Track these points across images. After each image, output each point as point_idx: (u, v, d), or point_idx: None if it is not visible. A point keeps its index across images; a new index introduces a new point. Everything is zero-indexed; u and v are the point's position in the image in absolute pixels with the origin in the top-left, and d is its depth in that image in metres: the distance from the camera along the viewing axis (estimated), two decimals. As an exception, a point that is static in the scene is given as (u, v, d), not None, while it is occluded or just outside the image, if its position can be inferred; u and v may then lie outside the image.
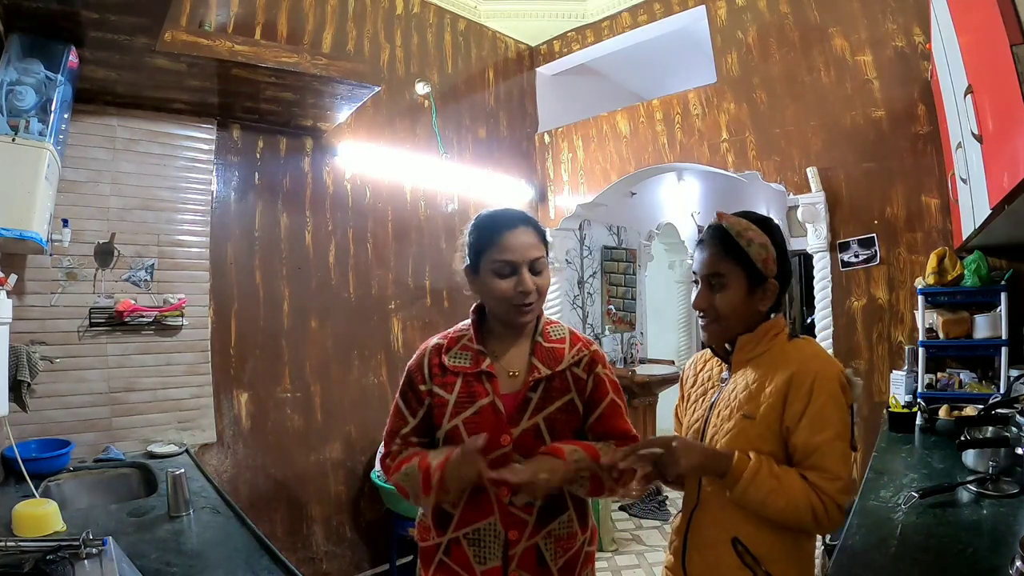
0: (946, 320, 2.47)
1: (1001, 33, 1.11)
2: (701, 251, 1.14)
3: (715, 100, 3.30)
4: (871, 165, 2.79)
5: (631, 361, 4.74)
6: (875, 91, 2.77)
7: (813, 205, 2.90)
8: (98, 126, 2.31)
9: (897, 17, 2.69)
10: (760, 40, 3.13)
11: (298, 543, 2.83)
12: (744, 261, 1.08)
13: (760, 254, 1.07)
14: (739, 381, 1.10)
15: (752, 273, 1.08)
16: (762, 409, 1.03)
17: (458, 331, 1.21)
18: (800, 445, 1.00)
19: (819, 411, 0.99)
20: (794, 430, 1.00)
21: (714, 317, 1.11)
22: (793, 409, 1.00)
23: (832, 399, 1.00)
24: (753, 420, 1.03)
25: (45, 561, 1.08)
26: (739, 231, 1.08)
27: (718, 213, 1.14)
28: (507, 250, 1.10)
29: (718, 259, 1.10)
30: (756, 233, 1.09)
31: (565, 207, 4.05)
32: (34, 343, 2.06)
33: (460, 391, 1.13)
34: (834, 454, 0.98)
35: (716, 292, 1.10)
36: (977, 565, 1.10)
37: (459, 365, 1.15)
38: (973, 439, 1.65)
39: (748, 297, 1.09)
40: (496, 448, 1.09)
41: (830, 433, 0.98)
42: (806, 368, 1.02)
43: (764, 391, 1.04)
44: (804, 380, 1.01)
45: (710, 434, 1.11)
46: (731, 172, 3.30)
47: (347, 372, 3.05)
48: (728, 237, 1.09)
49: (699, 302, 1.12)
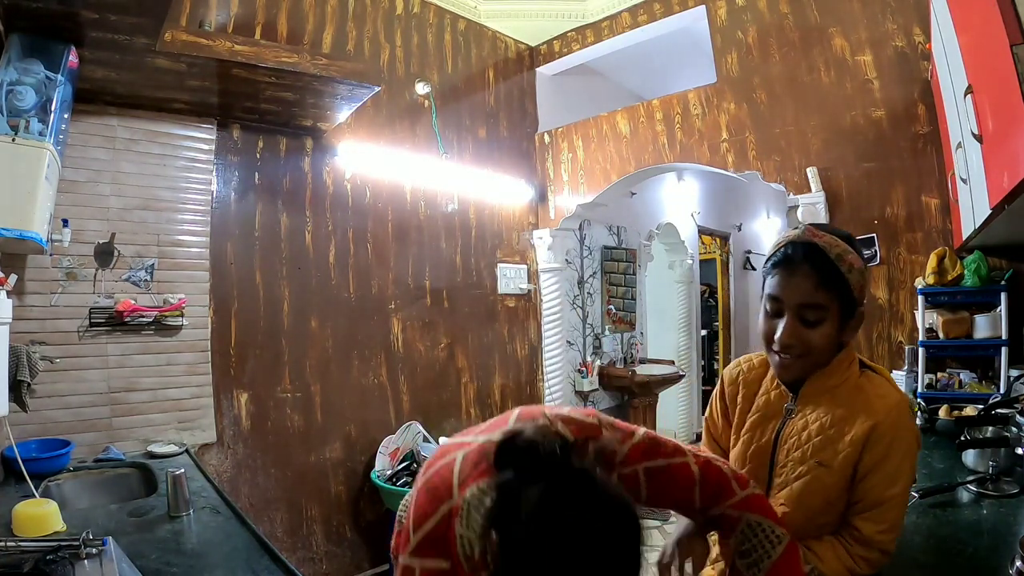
0: (946, 320, 2.47)
1: (1001, 33, 1.11)
2: (790, 275, 0.95)
3: (715, 100, 3.30)
4: (871, 165, 2.79)
5: (631, 361, 4.74)
6: (875, 91, 2.77)
7: (813, 205, 2.90)
8: (98, 126, 2.31)
9: (897, 17, 2.69)
10: (760, 40, 3.13)
11: (298, 543, 2.83)
12: (843, 290, 0.93)
13: (858, 281, 0.94)
14: (810, 417, 1.01)
15: (847, 303, 0.94)
16: (839, 458, 0.95)
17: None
18: (867, 496, 0.95)
19: (895, 468, 0.93)
20: (864, 479, 0.95)
21: (804, 353, 0.96)
22: (868, 460, 0.94)
23: (909, 455, 0.95)
24: (829, 469, 0.96)
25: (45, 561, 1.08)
26: (839, 253, 0.93)
27: (808, 228, 0.97)
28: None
29: (815, 289, 0.93)
30: (855, 257, 0.94)
31: (565, 207, 4.05)
32: (34, 343, 2.06)
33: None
34: (897, 508, 0.95)
35: (810, 326, 0.95)
36: (977, 565, 1.10)
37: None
38: (973, 439, 1.65)
39: (840, 330, 0.96)
40: None
41: (899, 488, 0.94)
42: (888, 421, 0.94)
43: (843, 439, 0.95)
44: (885, 434, 0.93)
45: (778, 473, 1.03)
46: (731, 172, 3.30)
47: (347, 372, 3.05)
48: (827, 261, 0.93)
49: (788, 337, 0.95)
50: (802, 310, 0.95)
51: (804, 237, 0.96)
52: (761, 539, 0.88)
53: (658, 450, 0.86)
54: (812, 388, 1.02)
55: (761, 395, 1.10)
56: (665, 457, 0.86)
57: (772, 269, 0.99)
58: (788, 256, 0.97)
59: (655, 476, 0.85)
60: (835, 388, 1.00)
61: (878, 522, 0.95)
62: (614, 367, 4.48)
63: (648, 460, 0.85)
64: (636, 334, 4.96)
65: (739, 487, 0.90)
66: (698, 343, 5.83)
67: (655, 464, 0.85)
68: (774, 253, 1.00)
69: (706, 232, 6.05)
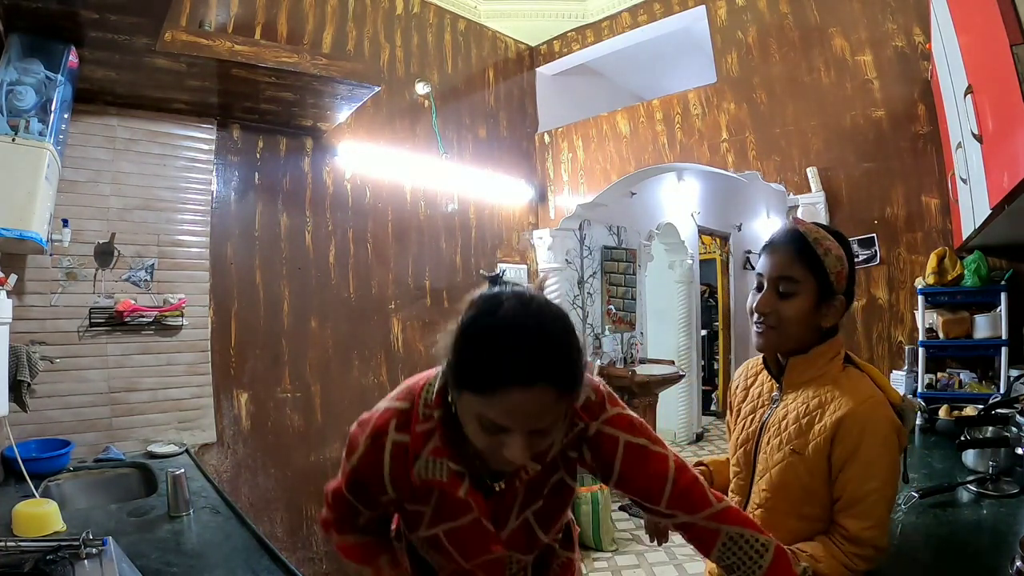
0: (946, 320, 2.47)
1: (1001, 33, 1.11)
2: (771, 253, 1.07)
3: (715, 100, 3.30)
4: (871, 165, 2.79)
5: (631, 361, 4.74)
6: (875, 91, 2.77)
7: (813, 205, 2.90)
8: (98, 126, 2.31)
9: (897, 17, 2.69)
10: (760, 40, 3.13)
11: (298, 543, 2.83)
12: (818, 270, 1.02)
13: (835, 266, 1.02)
14: (790, 406, 1.06)
15: (823, 285, 1.02)
16: (811, 447, 0.99)
17: (424, 417, 0.85)
18: (846, 490, 0.97)
19: (868, 460, 0.95)
20: (841, 473, 0.97)
21: (775, 323, 1.05)
22: (840, 452, 0.97)
23: (883, 446, 0.96)
24: (802, 456, 1.00)
25: (45, 561, 1.08)
26: (817, 238, 1.04)
27: (795, 219, 1.09)
28: (504, 413, 0.70)
29: (791, 263, 1.04)
30: (833, 244, 1.04)
31: (565, 207, 4.05)
32: (34, 343, 2.06)
33: (437, 502, 0.87)
34: (880, 503, 0.96)
35: (783, 298, 1.04)
36: (977, 565, 1.10)
37: (433, 479, 0.84)
38: (973, 439, 1.65)
39: (814, 310, 1.03)
40: (486, 555, 0.90)
41: (877, 483, 0.95)
42: (857, 412, 0.96)
43: (813, 428, 1.00)
44: (853, 426, 0.95)
45: (761, 460, 1.08)
46: (731, 172, 3.30)
47: (347, 372, 3.06)
48: (805, 242, 1.04)
49: (762, 305, 1.05)
50: (778, 282, 1.05)
51: (789, 225, 1.09)
52: (747, 550, 0.87)
53: (644, 431, 0.90)
54: (793, 376, 1.07)
55: (756, 387, 1.17)
56: (648, 439, 0.90)
57: (761, 253, 1.11)
58: (773, 239, 1.10)
59: (632, 452, 0.88)
60: (816, 379, 1.04)
61: (862, 519, 0.96)
62: (614, 367, 4.48)
63: (631, 434, 0.89)
64: (636, 334, 4.96)
65: (715, 500, 0.90)
66: (698, 343, 5.83)
67: (636, 440, 0.88)
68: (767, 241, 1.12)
69: (706, 232, 6.05)
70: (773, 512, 1.05)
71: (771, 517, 1.04)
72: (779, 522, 1.03)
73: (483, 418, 0.72)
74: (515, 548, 0.92)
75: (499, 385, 0.68)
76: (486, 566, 0.92)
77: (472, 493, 0.85)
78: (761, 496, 1.07)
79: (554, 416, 0.73)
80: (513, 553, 0.93)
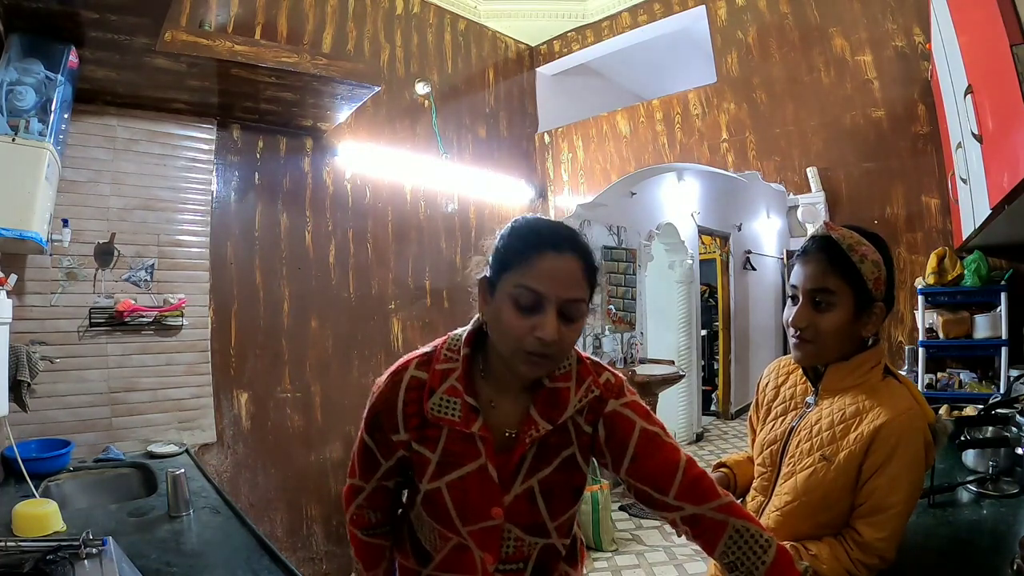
0: (946, 320, 2.47)
1: (1001, 33, 1.11)
2: (805, 263, 1.03)
3: (715, 100, 3.30)
4: (871, 165, 2.79)
5: (631, 361, 4.74)
6: (875, 91, 2.77)
7: (813, 205, 2.90)
8: (98, 126, 2.31)
9: (897, 17, 2.69)
10: (760, 40, 3.13)
11: (298, 543, 2.83)
12: (854, 278, 0.99)
13: (872, 272, 0.99)
14: (824, 413, 1.03)
15: (861, 293, 0.99)
16: (842, 455, 0.97)
17: (446, 358, 0.93)
18: (869, 499, 0.96)
19: (898, 473, 0.94)
20: (868, 481, 0.96)
21: (812, 337, 1.01)
22: (872, 461, 0.95)
23: (913, 463, 0.94)
24: (831, 464, 0.98)
25: (45, 561, 1.07)
26: (851, 244, 0.99)
27: (826, 223, 1.04)
28: (539, 277, 0.81)
29: (826, 274, 1.00)
30: (869, 249, 1.00)
31: (565, 207, 4.05)
32: (34, 343, 2.06)
33: (445, 447, 0.91)
34: (898, 518, 0.95)
35: (820, 311, 1.01)
36: (977, 565, 1.10)
37: (445, 417, 0.89)
38: (973, 439, 1.65)
39: (853, 320, 1.00)
40: (485, 520, 0.91)
41: (901, 496, 0.94)
42: (895, 423, 0.94)
43: (848, 436, 0.97)
44: (890, 436, 0.93)
45: (787, 464, 1.06)
46: (731, 172, 3.30)
47: (347, 372, 3.05)
48: (838, 250, 0.99)
49: (798, 319, 1.01)
50: (813, 294, 1.01)
51: (821, 231, 1.04)
52: (752, 545, 0.87)
53: (658, 421, 0.96)
54: (831, 382, 1.04)
55: (788, 387, 1.15)
56: (661, 429, 0.95)
57: (794, 262, 1.07)
58: (805, 248, 1.05)
59: (647, 437, 0.93)
60: (855, 387, 1.01)
61: (879, 529, 0.95)
62: (614, 367, 4.48)
63: (647, 421, 0.94)
64: (636, 334, 4.96)
65: (721, 493, 0.90)
66: (698, 343, 5.83)
67: (651, 428, 0.94)
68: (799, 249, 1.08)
69: (706, 232, 6.05)
70: (789, 516, 1.03)
71: (786, 520, 1.03)
72: (793, 526, 1.02)
73: (520, 292, 0.82)
74: (516, 519, 0.92)
75: (536, 251, 0.83)
76: (482, 536, 0.92)
77: (484, 430, 0.90)
78: (782, 499, 1.05)
79: (579, 292, 0.84)
80: (512, 527, 0.92)
